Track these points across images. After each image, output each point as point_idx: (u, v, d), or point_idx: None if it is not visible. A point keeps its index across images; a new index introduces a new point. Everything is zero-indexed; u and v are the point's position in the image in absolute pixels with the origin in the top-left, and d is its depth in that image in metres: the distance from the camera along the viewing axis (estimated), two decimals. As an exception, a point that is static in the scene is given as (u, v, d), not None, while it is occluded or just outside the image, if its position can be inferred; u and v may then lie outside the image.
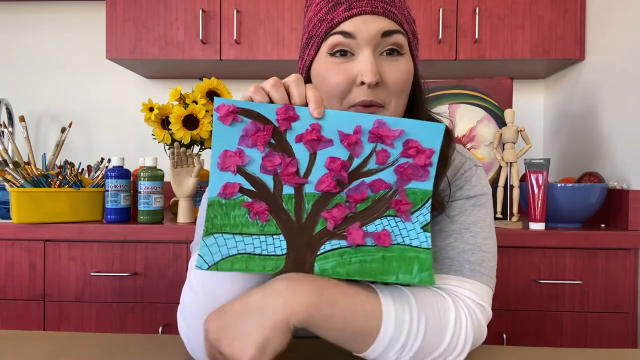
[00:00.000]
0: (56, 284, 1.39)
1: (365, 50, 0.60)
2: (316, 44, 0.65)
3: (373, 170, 0.50)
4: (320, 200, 0.50)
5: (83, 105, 2.05)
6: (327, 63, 0.63)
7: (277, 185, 0.49)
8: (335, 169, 0.49)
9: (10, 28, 2.05)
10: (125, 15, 1.70)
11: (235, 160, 0.48)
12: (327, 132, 0.50)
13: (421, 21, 1.65)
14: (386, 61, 0.62)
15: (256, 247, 0.49)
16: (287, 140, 0.49)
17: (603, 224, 1.48)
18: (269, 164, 0.49)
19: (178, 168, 1.40)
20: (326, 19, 0.63)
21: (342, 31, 0.61)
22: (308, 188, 0.50)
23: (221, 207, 0.49)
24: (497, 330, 1.34)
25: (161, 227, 1.37)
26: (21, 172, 1.37)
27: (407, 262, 0.50)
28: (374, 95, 0.60)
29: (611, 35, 1.52)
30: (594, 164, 1.60)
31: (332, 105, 0.62)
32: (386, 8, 0.61)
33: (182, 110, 1.47)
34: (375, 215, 0.50)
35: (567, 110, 1.80)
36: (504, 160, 1.44)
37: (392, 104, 0.62)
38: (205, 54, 1.69)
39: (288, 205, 0.50)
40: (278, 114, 0.48)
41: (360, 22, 0.60)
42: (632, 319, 1.32)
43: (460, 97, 1.56)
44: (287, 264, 0.49)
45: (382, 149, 0.50)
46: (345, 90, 0.61)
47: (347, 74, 0.61)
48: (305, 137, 0.49)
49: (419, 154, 0.50)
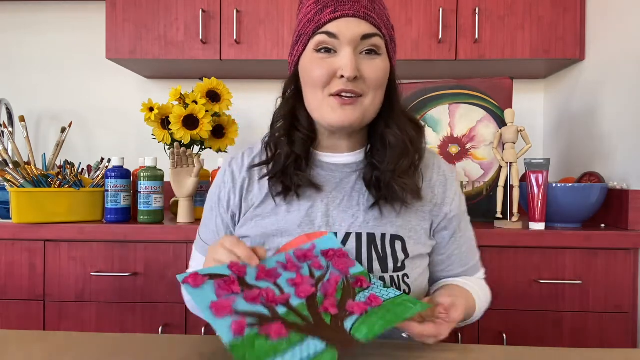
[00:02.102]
0: (56, 284, 1.39)
1: (346, 49, 0.70)
2: (304, 42, 0.73)
3: (323, 274, 0.66)
4: (310, 303, 0.61)
5: (83, 105, 2.05)
6: (312, 58, 0.72)
7: (270, 307, 0.58)
8: (298, 282, 0.63)
9: (11, 28, 2.05)
10: (125, 15, 1.70)
11: (225, 305, 0.55)
12: (271, 267, 0.64)
13: (421, 21, 1.65)
14: (365, 59, 0.71)
15: (303, 355, 0.52)
16: (248, 282, 0.60)
17: (603, 224, 1.48)
18: (251, 296, 0.58)
19: (178, 168, 1.40)
20: (314, 19, 0.72)
21: (327, 31, 0.70)
22: (294, 300, 0.60)
23: (243, 345, 0.52)
24: (497, 330, 1.34)
25: (161, 227, 1.37)
26: (21, 172, 1.37)
27: (402, 305, 0.63)
28: (354, 87, 0.70)
29: (611, 35, 1.52)
30: (594, 164, 1.60)
31: (316, 93, 0.72)
32: (367, 13, 0.71)
33: (182, 110, 1.47)
34: (352, 294, 0.64)
35: (567, 110, 1.80)
36: (504, 160, 1.44)
37: (370, 95, 0.72)
38: (205, 54, 1.69)
39: (291, 317, 0.57)
40: (232, 269, 0.60)
41: (343, 24, 0.70)
42: (632, 319, 1.32)
43: (460, 97, 1.56)
44: (339, 348, 0.55)
45: (313, 261, 0.67)
46: (327, 81, 0.71)
47: (328, 68, 0.70)
48: (259, 276, 0.61)
49: (335, 255, 0.69)
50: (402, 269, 0.75)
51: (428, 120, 1.58)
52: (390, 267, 0.74)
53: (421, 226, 0.79)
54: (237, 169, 0.83)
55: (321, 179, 0.80)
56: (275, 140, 0.78)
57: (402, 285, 0.74)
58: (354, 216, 0.77)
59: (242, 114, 1.87)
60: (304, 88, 0.75)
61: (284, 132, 0.77)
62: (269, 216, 0.78)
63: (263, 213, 0.79)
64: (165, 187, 1.48)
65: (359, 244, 0.74)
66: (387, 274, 0.74)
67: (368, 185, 0.77)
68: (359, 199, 0.78)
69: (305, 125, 0.77)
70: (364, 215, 0.77)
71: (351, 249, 0.74)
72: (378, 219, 0.76)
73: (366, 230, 0.75)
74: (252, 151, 0.85)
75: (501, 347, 0.65)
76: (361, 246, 0.74)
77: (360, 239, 0.75)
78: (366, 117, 0.74)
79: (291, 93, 0.78)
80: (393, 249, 0.75)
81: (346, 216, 0.77)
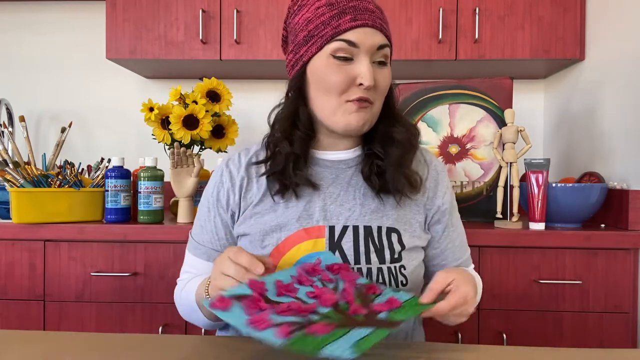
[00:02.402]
0: (56, 284, 1.39)
1: (365, 58, 0.73)
2: (318, 44, 0.74)
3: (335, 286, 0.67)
4: (338, 310, 0.61)
5: (83, 105, 2.05)
6: (328, 63, 0.73)
7: (304, 317, 0.58)
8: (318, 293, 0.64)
9: (11, 28, 2.05)
10: (125, 15, 1.70)
11: (263, 318, 0.55)
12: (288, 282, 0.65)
13: (421, 21, 1.65)
14: (378, 68, 0.75)
15: (356, 338, 0.54)
16: (271, 298, 0.61)
17: (603, 224, 1.48)
18: (282, 309, 0.58)
19: (178, 168, 1.40)
20: (331, 24, 0.73)
21: (347, 39, 0.72)
22: (321, 309, 0.60)
23: (296, 341, 0.52)
24: (497, 330, 1.34)
25: (161, 227, 1.37)
26: (21, 172, 1.37)
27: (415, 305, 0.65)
28: (369, 94, 0.74)
29: (611, 35, 1.52)
30: (594, 164, 1.60)
31: (330, 98, 0.74)
32: (381, 24, 0.75)
33: (182, 110, 1.47)
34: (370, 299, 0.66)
35: (567, 110, 1.80)
36: (504, 160, 1.44)
37: (378, 102, 0.77)
38: (205, 54, 1.69)
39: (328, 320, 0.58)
40: (252, 287, 0.61)
41: (362, 33, 0.72)
42: (632, 319, 1.32)
43: (460, 97, 1.56)
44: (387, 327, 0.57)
45: (322, 275, 0.69)
46: (344, 88, 0.73)
47: (347, 75, 0.73)
48: (280, 292, 0.63)
49: (340, 268, 0.71)
50: (398, 260, 0.77)
51: (428, 120, 1.58)
52: (387, 259, 0.76)
53: (416, 219, 0.82)
54: (235, 168, 0.84)
55: (318, 176, 0.82)
56: (275, 140, 0.79)
57: (400, 276, 0.76)
58: (351, 210, 0.79)
59: (242, 114, 1.87)
60: (314, 91, 0.76)
61: (285, 132, 0.78)
62: (268, 213, 0.80)
63: (262, 210, 0.80)
64: (165, 187, 1.48)
65: (356, 237, 0.77)
66: (384, 265, 0.76)
67: (367, 177, 0.80)
68: (355, 193, 0.81)
69: (306, 124, 0.79)
70: (360, 208, 0.79)
71: (349, 241, 0.77)
72: (374, 212, 0.79)
73: (363, 223, 0.78)
74: (249, 151, 0.86)
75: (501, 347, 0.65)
76: (358, 238, 0.77)
77: (357, 231, 0.77)
78: (373, 121, 0.78)
79: (296, 93, 0.79)
80: (389, 240, 0.77)
81: (343, 210, 0.79)
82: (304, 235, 0.76)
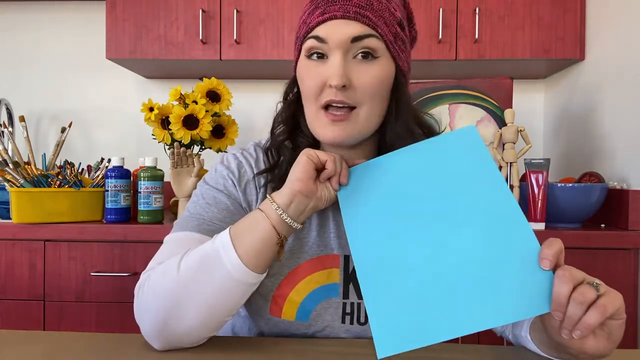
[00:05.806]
0: (56, 284, 1.39)
1: (336, 55, 0.62)
2: (298, 45, 0.68)
3: None
4: None
5: (83, 105, 2.05)
6: (304, 65, 0.66)
7: None
8: None
9: (10, 28, 2.05)
10: (125, 15, 1.70)
11: None
12: None
13: (421, 21, 1.65)
14: (359, 65, 0.63)
15: None
16: None
17: (603, 224, 1.48)
18: None
19: (178, 168, 1.40)
20: (306, 22, 0.66)
21: (315, 35, 0.63)
22: None
23: None
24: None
25: (161, 227, 1.37)
26: (21, 172, 1.37)
27: None
28: (344, 97, 0.62)
29: (611, 35, 1.52)
30: (594, 164, 1.60)
31: (310, 105, 0.66)
32: (358, 12, 0.62)
33: (182, 110, 1.47)
34: None
35: (567, 110, 1.80)
36: (504, 160, 1.44)
37: (365, 106, 0.64)
38: (205, 54, 1.69)
39: None
40: None
41: (332, 27, 0.62)
42: (632, 319, 1.32)
43: (460, 97, 1.56)
44: None
45: None
46: (318, 91, 0.64)
47: (319, 77, 0.63)
48: None
49: None
50: None
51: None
52: None
53: None
54: (235, 165, 0.77)
55: None
56: (276, 146, 0.72)
57: None
58: None
59: (242, 114, 1.87)
60: (302, 96, 0.70)
61: (286, 138, 0.72)
62: None
63: None
64: (165, 187, 1.48)
65: None
66: None
67: None
68: None
69: (307, 132, 0.71)
70: None
71: None
72: None
73: None
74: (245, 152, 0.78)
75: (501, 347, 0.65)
76: None
77: None
78: (364, 130, 0.66)
79: (293, 97, 0.72)
80: None
81: None
82: (317, 265, 0.70)
